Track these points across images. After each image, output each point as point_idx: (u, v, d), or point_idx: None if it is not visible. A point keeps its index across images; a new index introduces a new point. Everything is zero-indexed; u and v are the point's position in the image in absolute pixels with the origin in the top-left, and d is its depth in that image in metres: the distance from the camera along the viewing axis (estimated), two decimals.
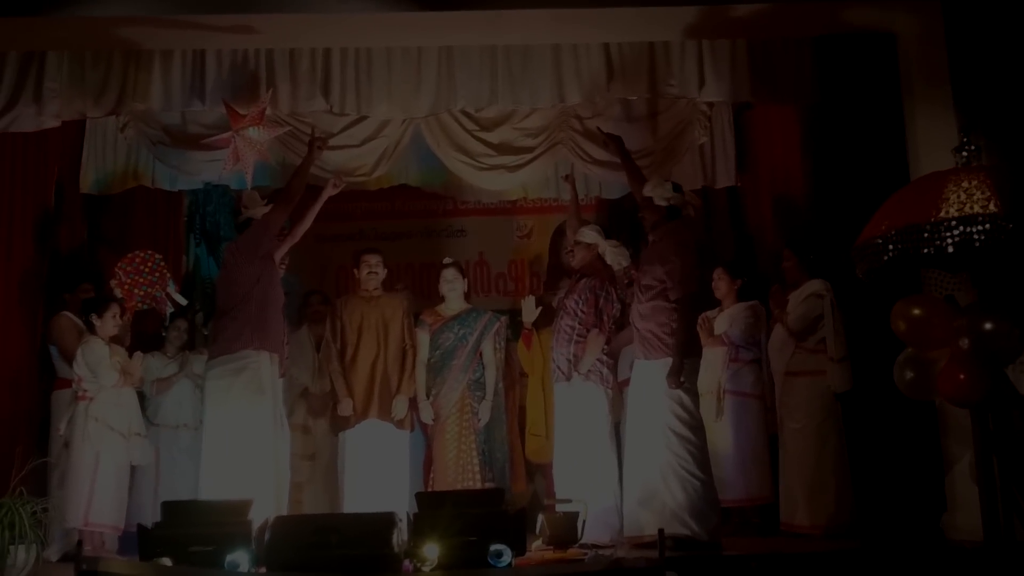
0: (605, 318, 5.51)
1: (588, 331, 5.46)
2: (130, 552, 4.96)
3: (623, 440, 5.38)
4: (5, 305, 5.78)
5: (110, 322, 5.48)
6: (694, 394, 5.06)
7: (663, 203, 5.22)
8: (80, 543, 3.98)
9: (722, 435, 5.66)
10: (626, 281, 5.76)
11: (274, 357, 5.26)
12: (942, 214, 4.15)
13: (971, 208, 4.12)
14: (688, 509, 4.80)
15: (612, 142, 5.73)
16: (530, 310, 6.17)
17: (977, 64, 5.24)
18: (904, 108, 5.56)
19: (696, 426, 4.99)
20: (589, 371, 5.45)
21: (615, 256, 5.64)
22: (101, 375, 5.35)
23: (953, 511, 5.05)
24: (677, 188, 5.30)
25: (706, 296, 5.85)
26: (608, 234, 5.83)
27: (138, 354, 5.70)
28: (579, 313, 5.51)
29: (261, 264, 5.28)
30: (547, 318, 6.03)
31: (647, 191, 5.29)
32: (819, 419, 5.37)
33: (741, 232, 6.95)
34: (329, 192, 5.70)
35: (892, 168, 5.38)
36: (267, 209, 5.40)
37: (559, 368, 5.53)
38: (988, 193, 4.15)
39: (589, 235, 5.69)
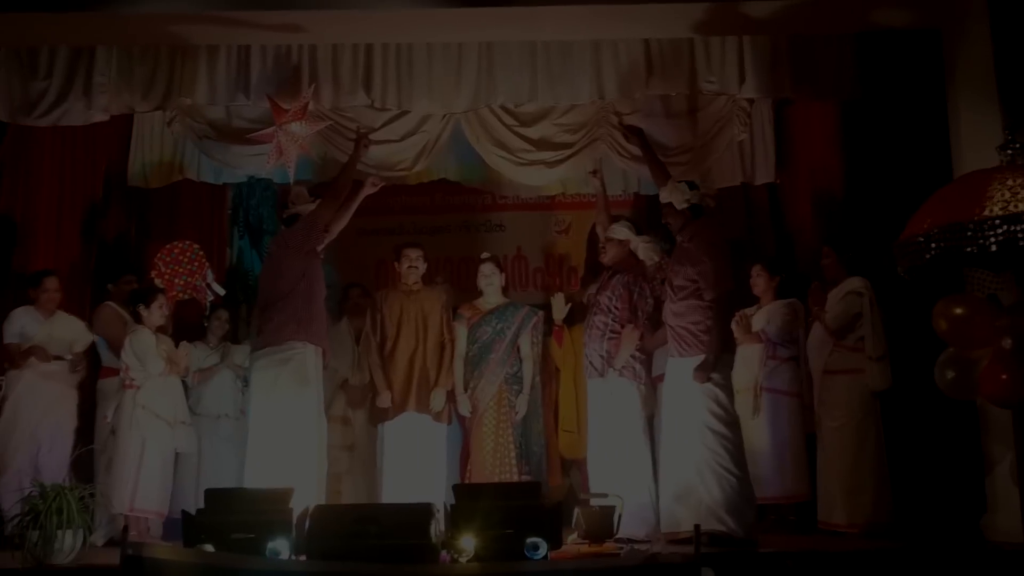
0: (639, 313, 5.51)
1: (622, 327, 5.47)
2: (173, 537, 5.06)
3: (657, 436, 5.38)
4: None
5: (157, 312, 5.58)
6: (729, 390, 5.03)
7: (684, 205, 5.18)
8: (126, 528, 4.06)
9: (759, 432, 5.63)
10: (660, 278, 5.75)
11: (318, 350, 5.34)
12: (986, 212, 4.11)
13: (1016, 207, 4.07)
14: (724, 505, 4.79)
15: (634, 135, 5.71)
16: (560, 307, 6.20)
17: (1022, 62, 5.16)
18: (948, 105, 5.51)
19: (731, 422, 4.97)
20: (623, 367, 5.45)
21: (647, 251, 5.63)
22: (148, 364, 5.45)
23: (993, 512, 5.00)
24: (692, 185, 5.23)
25: (743, 293, 5.83)
26: (647, 229, 5.82)
27: (184, 344, 5.80)
28: (613, 309, 5.51)
29: (306, 259, 5.35)
30: (581, 314, 6.05)
31: (664, 197, 5.23)
32: (858, 418, 5.33)
33: (780, 229, 6.91)
34: (368, 191, 5.75)
35: (935, 165, 5.34)
36: (313, 205, 5.47)
37: (592, 364, 5.53)
38: None
39: (621, 231, 5.69)
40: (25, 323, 5.59)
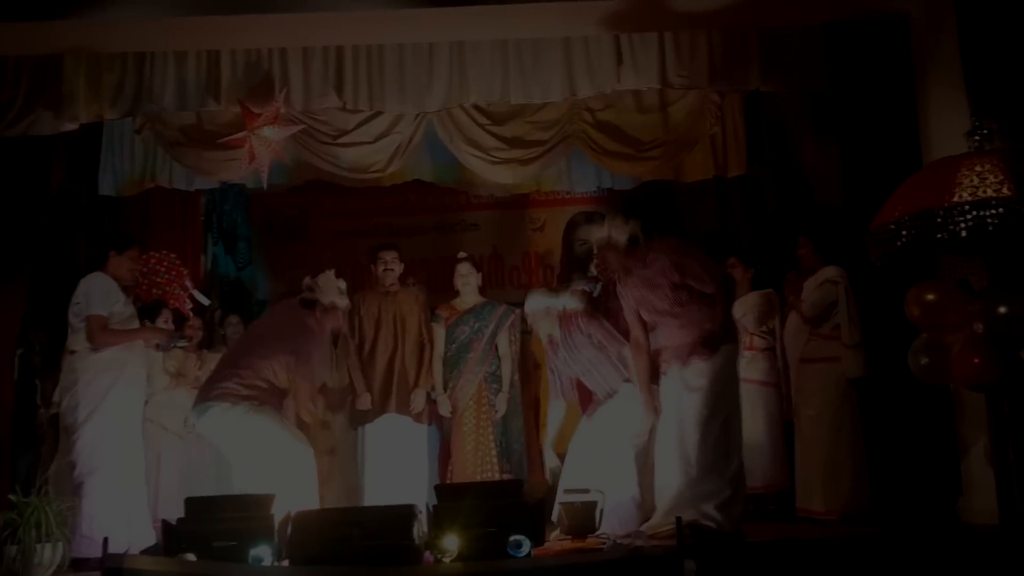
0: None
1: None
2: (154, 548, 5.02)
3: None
4: None
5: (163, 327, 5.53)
6: (723, 383, 4.80)
7: (624, 236, 4.95)
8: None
9: None
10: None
11: None
12: (955, 199, 4.16)
13: (984, 192, 4.12)
14: (712, 500, 4.67)
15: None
16: None
17: (989, 48, 5.20)
18: (916, 93, 5.56)
19: (726, 415, 4.78)
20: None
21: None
22: (153, 380, 5.42)
23: (969, 495, 5.06)
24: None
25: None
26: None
27: (191, 353, 5.77)
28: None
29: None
30: None
31: (601, 236, 5.01)
32: (834, 405, 5.36)
33: (754, 220, 6.95)
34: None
35: (905, 153, 5.38)
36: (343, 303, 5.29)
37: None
38: (1001, 177, 4.15)
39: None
40: (118, 297, 4.98)
